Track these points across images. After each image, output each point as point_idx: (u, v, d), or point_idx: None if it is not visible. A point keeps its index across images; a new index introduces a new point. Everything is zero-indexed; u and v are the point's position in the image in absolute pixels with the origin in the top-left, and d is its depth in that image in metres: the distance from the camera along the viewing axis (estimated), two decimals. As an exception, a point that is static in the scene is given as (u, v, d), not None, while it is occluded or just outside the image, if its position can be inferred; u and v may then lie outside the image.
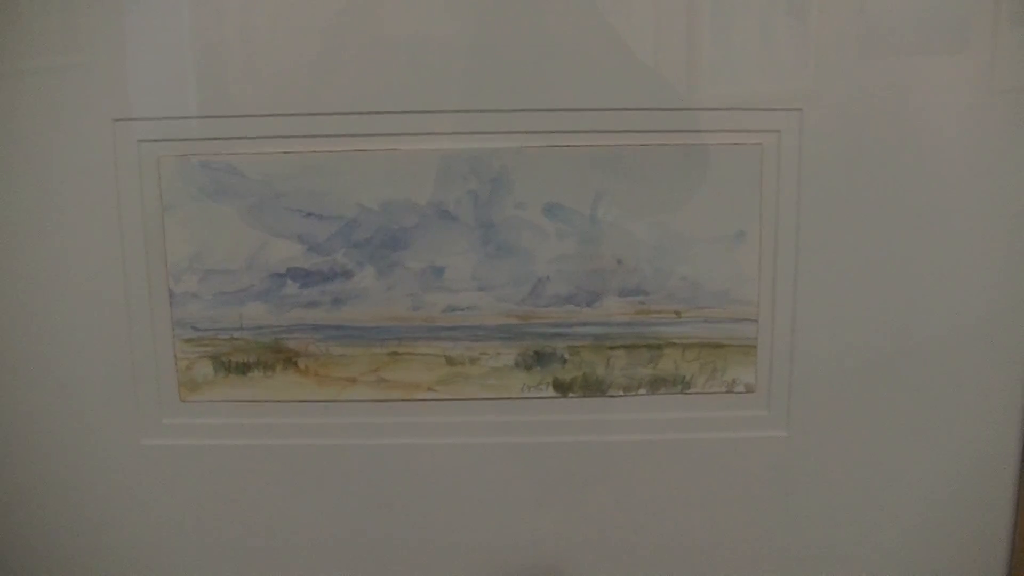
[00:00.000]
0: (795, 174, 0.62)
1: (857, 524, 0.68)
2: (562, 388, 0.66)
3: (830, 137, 0.62)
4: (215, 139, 0.62)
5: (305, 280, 0.64)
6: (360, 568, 0.69)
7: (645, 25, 0.61)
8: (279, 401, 0.66)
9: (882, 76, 0.61)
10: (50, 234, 0.63)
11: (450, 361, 0.65)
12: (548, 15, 0.60)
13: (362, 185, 0.62)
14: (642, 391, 0.66)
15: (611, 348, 0.65)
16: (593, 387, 0.66)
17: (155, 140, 0.62)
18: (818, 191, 0.63)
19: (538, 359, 0.65)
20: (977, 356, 0.66)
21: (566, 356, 0.65)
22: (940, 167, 0.62)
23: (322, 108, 0.61)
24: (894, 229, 0.63)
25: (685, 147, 0.62)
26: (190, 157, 0.62)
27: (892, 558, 0.69)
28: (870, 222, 0.63)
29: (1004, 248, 0.64)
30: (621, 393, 0.66)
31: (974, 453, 0.67)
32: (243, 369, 0.65)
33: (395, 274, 0.64)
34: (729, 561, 0.69)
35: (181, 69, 0.61)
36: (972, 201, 0.63)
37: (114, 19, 0.60)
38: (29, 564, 0.69)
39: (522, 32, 0.60)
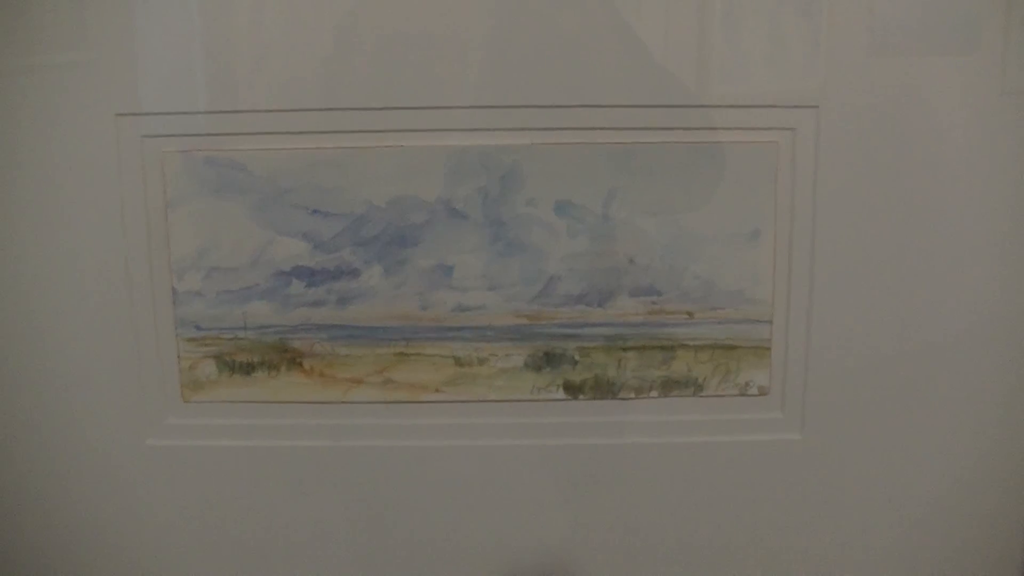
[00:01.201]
0: (811, 172, 0.61)
1: (871, 528, 0.67)
2: (573, 390, 0.65)
3: (846, 135, 0.61)
4: (220, 135, 0.61)
5: (311, 279, 0.63)
6: (365, 572, 0.68)
7: (658, 20, 0.60)
8: (283, 402, 0.65)
9: (894, 76, 0.60)
10: (52, 231, 0.62)
11: (458, 362, 0.64)
12: (560, 10, 0.59)
13: (370, 182, 0.61)
14: (654, 393, 0.65)
15: (623, 349, 0.64)
16: (604, 389, 0.65)
17: (159, 135, 0.61)
18: (834, 189, 0.62)
19: (548, 360, 0.64)
20: (993, 357, 0.65)
21: (577, 357, 0.64)
22: (954, 168, 0.62)
23: (330, 103, 0.60)
24: (910, 229, 0.62)
25: (699, 144, 0.61)
26: (195, 153, 0.61)
27: (907, 561, 0.68)
28: (886, 221, 0.62)
29: (1020, 248, 0.63)
30: (632, 395, 0.65)
31: (990, 455, 0.66)
32: (247, 369, 0.64)
33: (403, 273, 0.63)
34: (742, 565, 0.68)
35: (186, 64, 0.60)
36: (987, 202, 0.62)
37: (118, 13, 0.59)
38: (32, 565, 0.68)
39: (533, 27, 0.59)
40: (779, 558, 0.68)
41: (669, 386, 0.65)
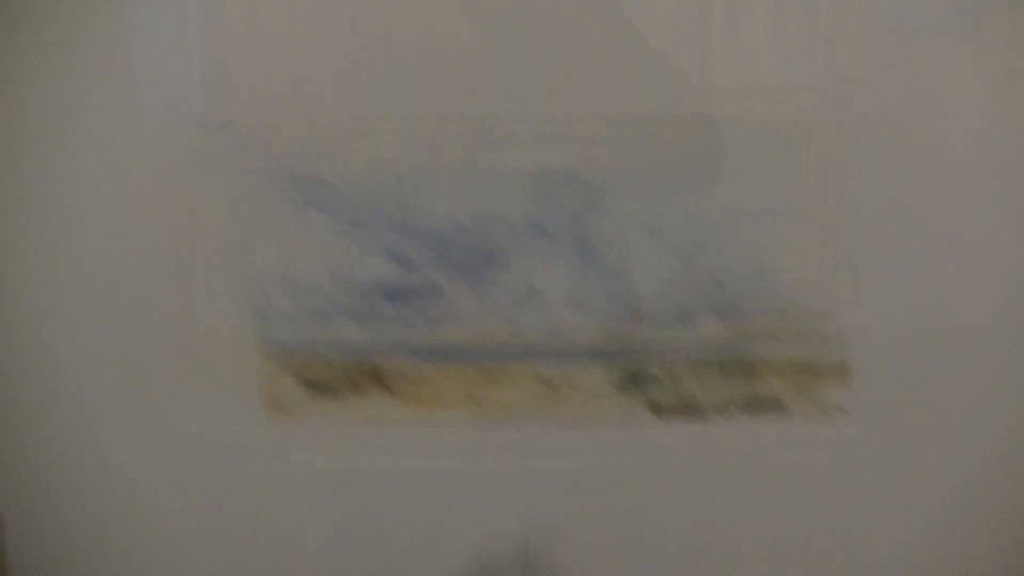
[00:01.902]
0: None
1: (913, 513, 0.65)
2: (658, 411, 0.64)
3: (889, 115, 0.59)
4: (305, 147, 0.60)
5: (394, 298, 0.62)
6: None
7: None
8: (370, 423, 0.63)
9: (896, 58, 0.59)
10: (120, 238, 0.61)
11: (546, 383, 0.63)
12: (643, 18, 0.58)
13: (454, 199, 0.60)
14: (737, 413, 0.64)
15: (708, 369, 0.64)
16: (690, 410, 0.64)
17: (241, 149, 0.60)
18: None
19: (634, 380, 0.64)
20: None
21: (663, 378, 0.64)
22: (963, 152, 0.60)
23: (415, 114, 0.59)
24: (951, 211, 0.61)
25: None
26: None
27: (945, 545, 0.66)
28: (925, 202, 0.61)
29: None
30: (718, 416, 0.64)
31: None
32: (332, 390, 0.63)
33: (489, 292, 0.62)
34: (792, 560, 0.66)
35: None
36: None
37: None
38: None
39: (626, 39, 0.58)
40: (814, 541, 0.66)
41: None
